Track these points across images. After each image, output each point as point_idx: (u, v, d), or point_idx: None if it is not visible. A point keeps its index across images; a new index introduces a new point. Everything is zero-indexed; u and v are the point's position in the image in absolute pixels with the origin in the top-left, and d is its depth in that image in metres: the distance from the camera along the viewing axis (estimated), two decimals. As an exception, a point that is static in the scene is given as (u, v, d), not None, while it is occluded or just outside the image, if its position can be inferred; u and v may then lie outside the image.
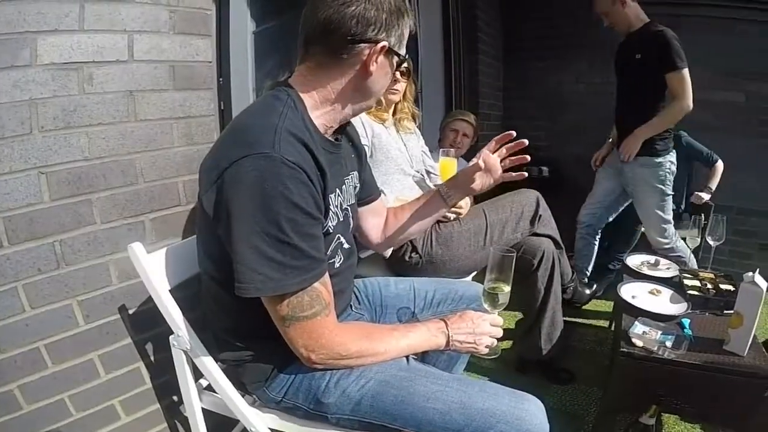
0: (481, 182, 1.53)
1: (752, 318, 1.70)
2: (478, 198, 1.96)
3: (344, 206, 1.22)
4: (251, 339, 1.18)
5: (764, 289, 1.69)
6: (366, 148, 1.93)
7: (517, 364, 2.42)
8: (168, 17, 1.55)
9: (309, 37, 1.09)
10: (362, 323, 1.40)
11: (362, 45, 1.06)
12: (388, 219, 1.64)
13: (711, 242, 2.45)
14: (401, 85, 2.16)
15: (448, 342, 1.22)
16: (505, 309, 1.32)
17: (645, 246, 3.22)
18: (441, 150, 2.27)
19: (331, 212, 1.11)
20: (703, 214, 2.93)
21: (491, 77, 4.56)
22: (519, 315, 2.44)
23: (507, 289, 1.29)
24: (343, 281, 1.30)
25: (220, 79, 2.04)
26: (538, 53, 4.66)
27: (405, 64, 2.10)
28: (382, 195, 1.85)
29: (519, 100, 4.79)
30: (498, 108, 4.76)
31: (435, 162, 2.40)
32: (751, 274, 1.74)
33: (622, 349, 1.74)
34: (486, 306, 1.31)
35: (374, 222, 1.59)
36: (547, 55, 4.63)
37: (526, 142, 1.48)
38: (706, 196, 3.48)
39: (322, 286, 1.03)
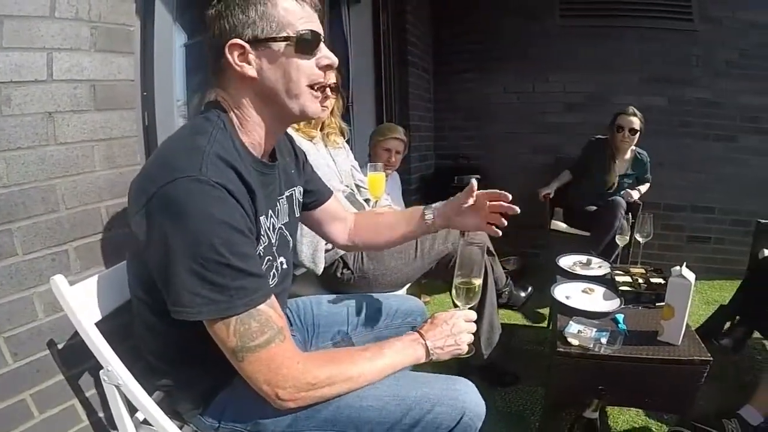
0: (465, 220, 1.49)
1: (683, 309, 1.78)
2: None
3: (277, 226, 1.19)
4: (182, 363, 1.13)
5: (692, 282, 1.78)
6: None
7: (459, 370, 2.41)
8: (89, 33, 1.47)
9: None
10: (326, 350, 1.37)
11: (223, 57, 1.03)
12: (361, 223, 1.61)
13: (639, 239, 2.57)
14: (330, 101, 2.16)
15: (428, 353, 1.17)
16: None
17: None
18: (369, 165, 2.26)
19: (262, 236, 1.08)
20: (630, 213, 3.06)
21: (421, 89, 4.60)
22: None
23: (478, 282, 1.29)
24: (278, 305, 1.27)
25: (144, 93, 1.97)
26: (467, 65, 4.76)
27: (332, 79, 2.10)
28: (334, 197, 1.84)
29: (449, 111, 4.88)
30: (428, 119, 4.82)
31: (365, 176, 2.39)
32: (678, 267, 1.82)
33: (558, 349, 1.78)
34: (459, 302, 1.29)
35: (336, 225, 1.56)
36: (475, 67, 4.74)
37: (518, 210, 1.45)
38: (635, 194, 3.63)
39: (271, 309, 0.98)
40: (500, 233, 1.47)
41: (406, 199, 3.32)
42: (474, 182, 1.44)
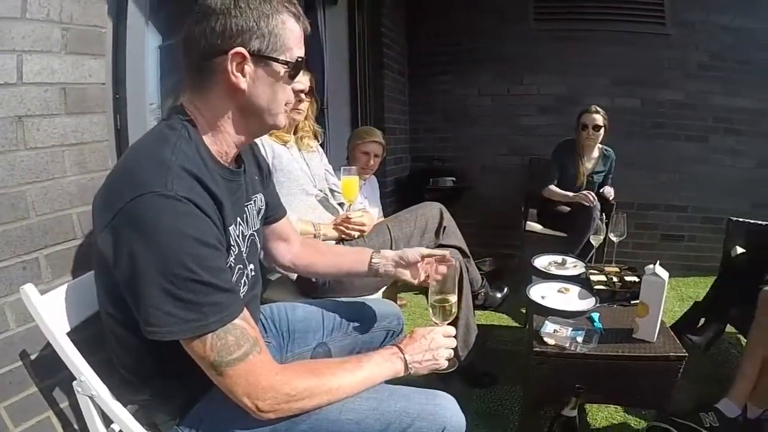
0: (406, 272, 1.52)
1: (657, 306, 1.81)
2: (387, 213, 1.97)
3: (247, 234, 1.17)
4: (158, 377, 1.11)
5: (665, 279, 1.80)
6: None
7: (434, 373, 2.41)
8: (60, 36, 1.45)
9: (182, 63, 1.06)
10: (305, 361, 1.35)
11: (217, 59, 0.99)
12: (308, 245, 1.60)
13: (614, 238, 2.62)
14: (304, 105, 2.15)
15: (406, 366, 1.17)
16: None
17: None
18: (343, 168, 2.25)
19: (231, 246, 1.06)
20: (604, 213, 3.11)
21: (396, 92, 4.63)
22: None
23: (454, 299, 1.29)
24: (250, 310, 1.23)
25: (116, 96, 1.94)
26: (442, 68, 4.79)
27: (307, 83, 2.10)
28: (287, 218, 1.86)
29: (424, 113, 4.90)
30: (403, 122, 4.82)
31: (339, 180, 2.37)
32: (652, 266, 1.85)
33: (534, 349, 1.79)
34: (436, 320, 1.30)
35: (280, 245, 1.53)
36: (451, 70, 4.77)
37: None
38: (611, 190, 3.68)
39: (244, 322, 0.97)
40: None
41: (381, 201, 3.32)
42: (421, 271, 1.49)
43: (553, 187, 3.65)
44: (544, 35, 4.56)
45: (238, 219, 1.12)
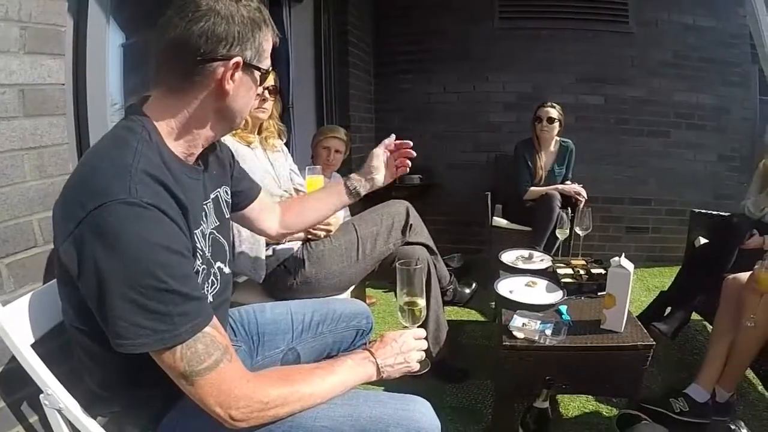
0: (382, 175, 1.59)
1: (624, 297, 1.85)
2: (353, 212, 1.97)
3: (206, 233, 1.14)
4: (128, 389, 1.08)
5: (631, 271, 1.84)
6: None
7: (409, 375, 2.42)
8: (18, 35, 1.38)
9: (158, 62, 1.01)
10: (277, 367, 1.34)
11: (214, 63, 0.98)
12: (287, 207, 1.62)
13: (579, 232, 2.67)
14: (269, 104, 2.12)
15: (378, 371, 1.15)
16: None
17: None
18: (307, 168, 2.24)
19: (198, 249, 1.05)
20: (569, 207, 3.17)
21: (362, 90, 4.61)
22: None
23: (422, 302, 1.29)
24: (219, 316, 1.14)
25: (76, 98, 1.89)
26: (408, 66, 4.79)
27: (272, 81, 2.08)
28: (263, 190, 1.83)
29: (390, 112, 4.88)
30: (369, 120, 4.81)
31: (304, 180, 2.35)
32: (618, 258, 1.89)
33: (504, 343, 1.80)
34: (405, 323, 1.30)
35: (267, 216, 1.55)
36: (416, 68, 4.78)
37: (413, 153, 1.62)
38: (580, 189, 3.73)
39: (214, 330, 0.95)
40: (408, 168, 1.65)
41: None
42: (384, 157, 1.57)
43: (533, 188, 3.70)
44: (509, 34, 4.61)
45: (200, 221, 1.10)
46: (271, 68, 1.11)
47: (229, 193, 1.31)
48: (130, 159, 0.91)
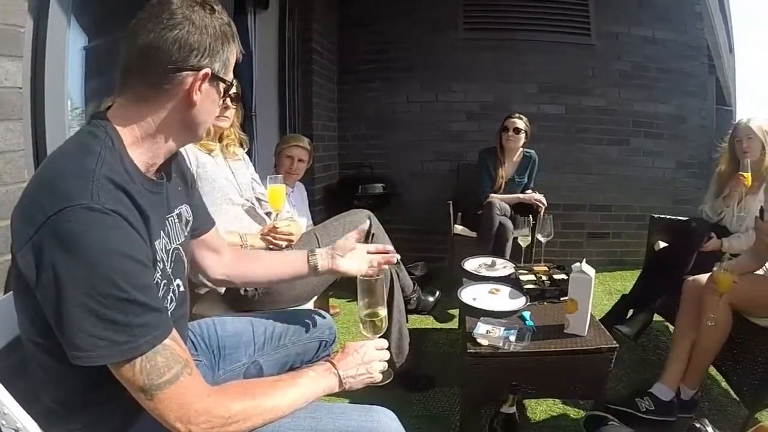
0: (348, 264, 1.49)
1: (586, 302, 1.87)
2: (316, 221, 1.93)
3: (169, 248, 1.10)
4: (87, 406, 1.03)
5: (592, 276, 1.87)
6: None
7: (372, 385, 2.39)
8: None
9: (127, 67, 0.98)
10: (238, 381, 1.30)
11: (184, 73, 0.96)
12: (242, 254, 1.54)
13: (541, 239, 2.69)
14: (231, 112, 2.09)
15: (341, 382, 1.15)
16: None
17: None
18: (269, 177, 2.19)
19: (158, 261, 1.01)
20: (531, 215, 3.21)
21: (325, 99, 4.58)
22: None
23: (384, 312, 1.29)
24: (178, 331, 1.09)
25: (34, 102, 1.82)
26: (371, 75, 4.79)
27: (234, 89, 2.05)
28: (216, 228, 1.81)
29: (353, 120, 4.86)
30: (333, 129, 4.79)
31: (266, 189, 2.30)
32: (579, 264, 1.92)
33: (468, 351, 1.80)
34: (367, 333, 1.29)
35: (211, 257, 1.45)
36: (380, 77, 4.78)
37: (397, 257, 1.55)
38: (541, 197, 3.77)
39: (174, 342, 0.92)
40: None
41: (310, 209, 3.28)
42: (367, 223, 1.48)
43: (494, 195, 3.72)
44: (473, 44, 4.67)
45: (161, 232, 1.06)
46: (234, 81, 1.11)
47: (189, 213, 1.26)
48: (93, 164, 0.88)
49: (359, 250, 1.52)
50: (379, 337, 1.30)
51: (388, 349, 1.28)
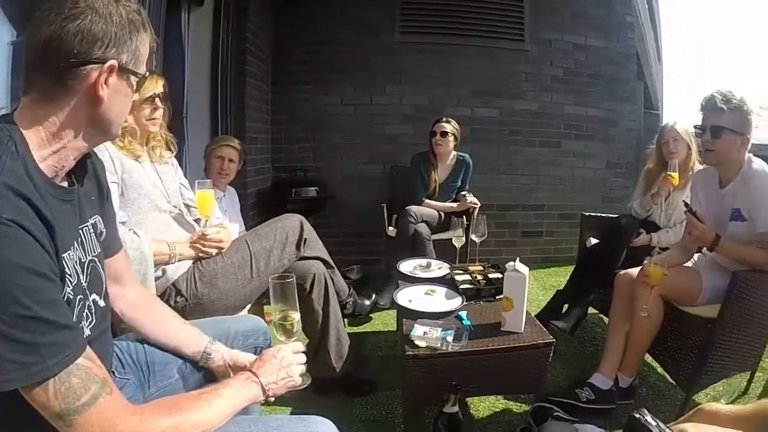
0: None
1: (521, 299, 1.89)
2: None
3: (84, 260, 1.01)
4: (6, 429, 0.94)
5: (526, 274, 1.89)
6: (115, 186, 1.74)
7: (315, 387, 2.33)
8: None
9: (30, 63, 0.90)
10: (162, 398, 1.23)
11: (89, 66, 0.90)
12: (148, 303, 1.42)
13: (475, 239, 2.72)
14: (160, 112, 1.98)
15: (263, 389, 1.13)
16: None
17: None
18: (197, 182, 2.11)
19: (67, 275, 0.92)
20: (464, 216, 3.25)
21: (259, 100, 4.47)
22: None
23: (296, 315, 1.27)
24: (99, 349, 1.03)
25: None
26: (306, 76, 4.71)
27: (161, 88, 1.96)
28: (135, 237, 1.71)
29: (287, 123, 4.76)
30: (266, 131, 4.68)
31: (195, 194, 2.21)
32: (512, 263, 1.94)
33: (407, 353, 1.78)
34: (281, 338, 1.27)
35: (112, 287, 1.27)
36: (314, 79, 4.71)
37: None
38: (474, 199, 3.81)
39: (89, 361, 0.86)
40: None
41: (243, 214, 3.19)
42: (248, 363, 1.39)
43: (428, 201, 3.73)
44: (409, 47, 4.69)
45: (75, 243, 0.97)
46: (147, 74, 1.04)
47: (103, 225, 1.17)
48: None
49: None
50: (294, 341, 1.29)
51: (305, 352, 1.26)
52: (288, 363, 1.19)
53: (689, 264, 2.30)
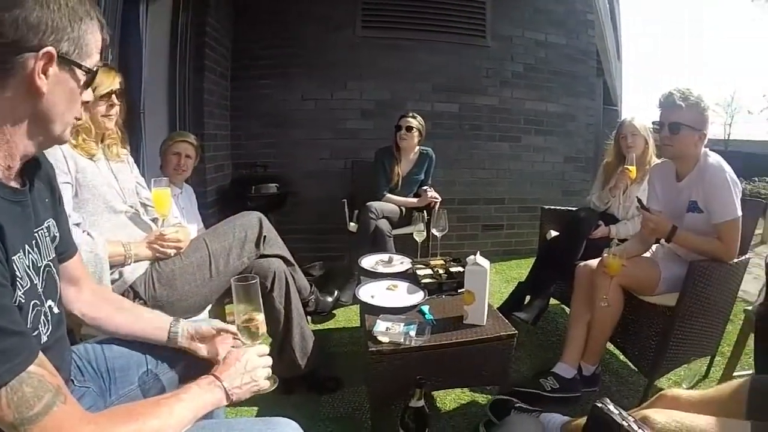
0: (203, 350, 1.36)
1: (482, 292, 1.90)
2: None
3: (40, 265, 0.97)
4: None
5: (487, 267, 1.91)
6: (68, 187, 1.68)
7: (280, 386, 2.30)
8: None
9: None
10: (119, 405, 1.18)
11: (25, 55, 0.85)
12: (106, 297, 1.39)
13: (436, 233, 2.72)
14: (116, 109, 1.91)
15: (227, 394, 1.09)
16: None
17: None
18: (153, 180, 2.05)
19: (18, 279, 0.88)
20: (425, 210, 3.25)
21: (218, 96, 4.36)
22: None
23: (261, 317, 1.24)
24: (56, 356, 1.02)
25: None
26: (265, 71, 4.63)
27: (117, 84, 1.88)
28: (89, 239, 1.67)
29: (246, 118, 4.66)
30: (225, 128, 4.58)
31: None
32: (473, 256, 1.95)
33: (370, 349, 1.78)
34: (245, 340, 1.23)
35: (68, 290, 1.25)
36: (274, 74, 4.64)
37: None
38: (435, 195, 3.83)
39: (42, 369, 0.83)
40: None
41: (202, 212, 3.10)
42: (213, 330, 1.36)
43: (389, 196, 3.73)
44: (370, 42, 4.66)
45: (27, 247, 0.92)
46: (98, 68, 0.98)
47: (56, 228, 1.12)
48: None
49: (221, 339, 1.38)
50: (259, 343, 1.25)
51: (270, 354, 1.23)
52: (253, 366, 1.16)
53: (648, 255, 2.35)
